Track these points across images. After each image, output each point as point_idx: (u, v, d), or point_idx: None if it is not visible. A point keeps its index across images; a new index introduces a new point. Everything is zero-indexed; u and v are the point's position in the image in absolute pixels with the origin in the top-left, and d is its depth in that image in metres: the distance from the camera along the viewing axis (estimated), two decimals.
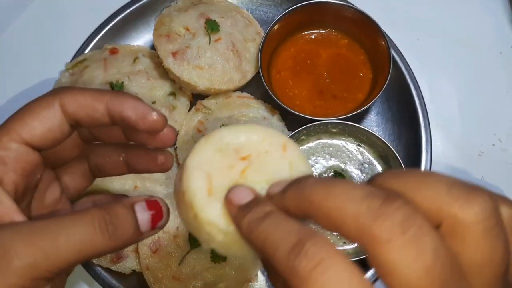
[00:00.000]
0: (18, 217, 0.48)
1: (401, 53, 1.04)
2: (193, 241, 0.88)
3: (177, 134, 0.98)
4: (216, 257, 0.87)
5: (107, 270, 0.90)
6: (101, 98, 0.52)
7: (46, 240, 0.44)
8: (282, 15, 1.00)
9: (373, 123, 1.05)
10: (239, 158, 0.46)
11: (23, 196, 0.52)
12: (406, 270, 0.30)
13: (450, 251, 0.32)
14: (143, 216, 0.50)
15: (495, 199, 0.35)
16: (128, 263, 0.90)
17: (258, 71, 0.99)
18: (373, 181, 0.38)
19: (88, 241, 0.46)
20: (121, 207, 0.49)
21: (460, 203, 0.33)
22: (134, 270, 0.90)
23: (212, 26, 0.98)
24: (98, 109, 0.52)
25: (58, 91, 0.54)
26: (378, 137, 0.92)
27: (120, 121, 0.53)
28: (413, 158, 0.98)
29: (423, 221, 0.32)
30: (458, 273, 0.32)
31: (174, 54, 0.96)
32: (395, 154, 0.91)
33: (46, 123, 0.50)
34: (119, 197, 0.67)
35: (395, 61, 1.02)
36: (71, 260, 0.46)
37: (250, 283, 0.89)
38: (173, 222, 0.88)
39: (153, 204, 0.51)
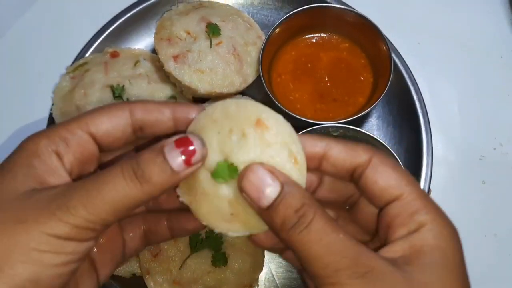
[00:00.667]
0: None
1: (401, 57, 1.04)
2: (194, 245, 0.87)
3: None
4: (217, 261, 0.87)
5: None
6: (167, 105, 0.55)
7: (82, 197, 0.47)
8: (283, 19, 1.00)
9: (374, 127, 1.05)
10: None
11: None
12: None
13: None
14: (174, 154, 0.48)
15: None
16: (129, 267, 0.90)
17: (259, 75, 0.99)
18: None
19: (120, 191, 0.47)
20: (148, 152, 0.49)
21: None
22: (134, 274, 0.90)
23: (213, 30, 0.98)
24: (164, 112, 0.55)
25: (128, 101, 0.58)
26: (379, 141, 0.92)
27: (185, 125, 0.55)
28: (414, 161, 0.98)
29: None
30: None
31: (175, 57, 0.96)
32: (396, 158, 0.91)
33: (113, 120, 0.54)
34: None
35: (395, 65, 1.02)
36: (108, 212, 0.47)
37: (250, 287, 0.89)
38: None
39: (183, 141, 0.49)
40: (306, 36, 1.06)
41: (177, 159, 0.48)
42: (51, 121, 1.00)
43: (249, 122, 0.51)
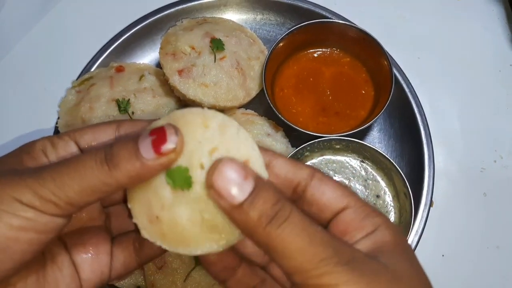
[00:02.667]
0: None
1: (402, 71, 1.05)
2: (198, 258, 0.88)
3: None
4: None
5: (111, 286, 0.90)
6: (149, 122, 0.56)
7: (53, 171, 0.48)
8: (286, 34, 1.02)
9: (376, 140, 1.06)
10: None
11: None
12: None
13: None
14: (145, 142, 0.47)
15: None
16: (133, 279, 0.90)
17: (262, 89, 1.01)
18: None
19: (88, 172, 0.48)
20: (123, 138, 0.50)
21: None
22: (139, 287, 0.90)
23: (217, 45, 1.00)
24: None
25: (120, 120, 0.60)
26: (382, 153, 0.93)
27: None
28: (416, 174, 0.99)
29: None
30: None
31: (180, 72, 0.98)
32: (399, 170, 0.92)
33: (97, 133, 0.57)
34: None
35: (396, 79, 1.03)
36: (75, 191, 0.48)
37: None
38: None
39: (157, 130, 0.48)
40: (308, 51, 1.08)
41: (147, 146, 0.47)
42: (56, 133, 1.01)
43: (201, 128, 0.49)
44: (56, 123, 1.00)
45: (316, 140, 0.94)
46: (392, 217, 0.95)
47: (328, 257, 0.44)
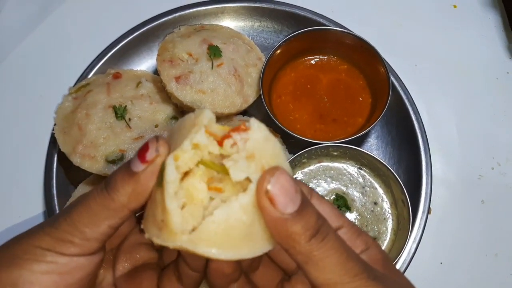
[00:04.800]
0: None
1: (399, 78, 1.06)
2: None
3: None
4: None
5: None
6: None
7: (65, 213, 0.52)
8: (283, 41, 1.02)
9: (373, 147, 1.06)
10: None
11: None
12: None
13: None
14: (133, 159, 0.50)
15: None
16: None
17: (260, 96, 1.01)
18: None
19: (92, 203, 0.50)
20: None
21: None
22: None
23: (214, 52, 1.00)
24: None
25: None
26: (379, 160, 0.93)
27: None
28: (413, 181, 0.99)
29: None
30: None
31: (177, 78, 0.98)
32: (396, 178, 0.91)
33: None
34: None
35: (394, 86, 1.03)
36: (86, 224, 0.50)
37: None
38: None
39: (142, 146, 0.50)
40: (306, 58, 1.08)
41: (134, 160, 0.50)
42: (52, 140, 1.01)
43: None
44: (53, 129, 1.00)
45: (314, 147, 0.94)
46: (389, 224, 0.95)
47: (361, 272, 0.47)
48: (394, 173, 0.92)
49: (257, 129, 0.48)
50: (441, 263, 0.98)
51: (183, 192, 0.48)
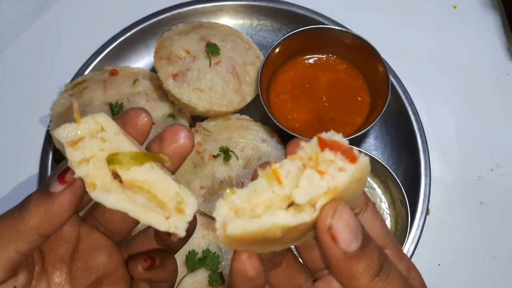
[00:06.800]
0: None
1: (398, 78, 1.05)
2: (190, 264, 0.86)
3: None
4: (214, 281, 0.85)
5: None
6: None
7: None
8: (282, 40, 1.01)
9: (372, 147, 1.05)
10: None
11: None
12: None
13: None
14: (52, 180, 0.46)
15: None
16: None
17: (257, 94, 1.00)
18: None
19: (5, 227, 0.46)
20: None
21: None
22: None
23: (212, 49, 0.99)
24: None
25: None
26: (378, 160, 0.92)
27: None
28: (412, 182, 0.98)
29: None
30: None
31: (174, 76, 0.97)
32: (395, 178, 0.91)
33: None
34: None
35: (393, 86, 1.03)
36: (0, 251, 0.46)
37: None
38: None
39: (64, 168, 0.47)
40: (304, 57, 1.07)
41: (53, 180, 0.46)
42: (48, 136, 1.00)
43: None
44: (48, 126, 0.99)
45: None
46: (388, 225, 0.94)
47: None
48: (393, 174, 0.91)
49: (362, 168, 0.42)
50: (439, 264, 0.97)
51: (135, 190, 0.46)
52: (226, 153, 0.94)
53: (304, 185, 0.42)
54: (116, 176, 0.46)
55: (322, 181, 0.42)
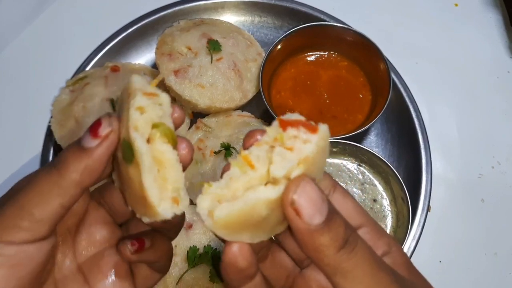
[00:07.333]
0: None
1: (400, 75, 1.05)
2: (191, 260, 0.86)
3: None
4: (215, 277, 0.85)
5: None
6: None
7: (8, 196, 0.48)
8: (283, 36, 1.01)
9: (373, 144, 1.05)
10: None
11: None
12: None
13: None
14: (84, 135, 0.47)
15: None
16: None
17: (259, 91, 1.00)
18: None
19: (40, 183, 0.47)
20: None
21: None
22: None
23: (214, 46, 0.99)
24: None
25: None
26: (379, 157, 0.92)
27: None
28: (413, 179, 0.98)
29: None
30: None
31: (175, 72, 0.97)
32: (396, 175, 0.91)
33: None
34: None
35: (394, 84, 1.03)
36: (36, 205, 0.46)
37: None
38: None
39: (94, 122, 0.48)
40: (306, 54, 1.07)
41: (86, 136, 0.47)
42: (49, 132, 1.00)
43: None
44: (49, 121, 0.99)
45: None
46: (389, 221, 0.94)
47: (391, 283, 0.46)
48: (394, 170, 0.91)
49: (323, 137, 0.46)
50: (440, 261, 0.97)
51: (153, 160, 0.46)
52: (227, 150, 0.94)
53: (278, 160, 0.44)
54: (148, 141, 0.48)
55: (293, 154, 0.44)
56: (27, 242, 0.46)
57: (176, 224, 0.57)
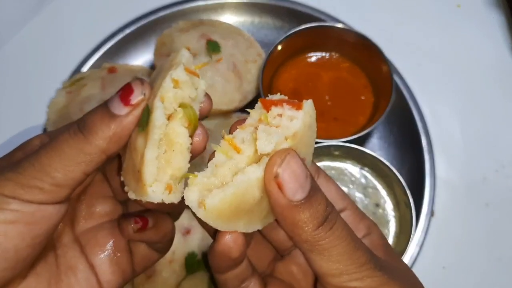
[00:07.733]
0: None
1: (402, 77, 1.03)
2: (189, 267, 0.84)
3: None
4: (214, 284, 0.83)
5: None
6: None
7: (31, 157, 0.46)
8: (284, 37, 0.99)
9: (376, 147, 1.04)
10: None
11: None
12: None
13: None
14: (114, 99, 0.46)
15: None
16: None
17: (259, 93, 0.98)
18: None
19: (65, 146, 0.45)
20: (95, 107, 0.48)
21: None
22: None
23: (213, 47, 0.97)
24: None
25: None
26: (382, 161, 0.90)
27: None
28: (417, 182, 0.96)
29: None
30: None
31: None
32: (399, 179, 0.89)
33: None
34: None
35: (396, 85, 1.01)
36: (57, 168, 0.45)
37: None
38: None
39: (124, 87, 0.47)
40: (307, 55, 1.05)
41: (116, 103, 0.46)
42: None
43: None
44: (45, 124, 0.97)
45: (314, 146, 0.91)
46: (392, 227, 0.92)
47: (367, 262, 0.46)
48: (397, 174, 0.89)
49: (309, 113, 0.45)
50: (443, 267, 0.96)
51: (165, 138, 0.45)
52: None
53: (264, 136, 0.43)
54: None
55: (279, 130, 0.44)
56: (46, 203, 0.46)
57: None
